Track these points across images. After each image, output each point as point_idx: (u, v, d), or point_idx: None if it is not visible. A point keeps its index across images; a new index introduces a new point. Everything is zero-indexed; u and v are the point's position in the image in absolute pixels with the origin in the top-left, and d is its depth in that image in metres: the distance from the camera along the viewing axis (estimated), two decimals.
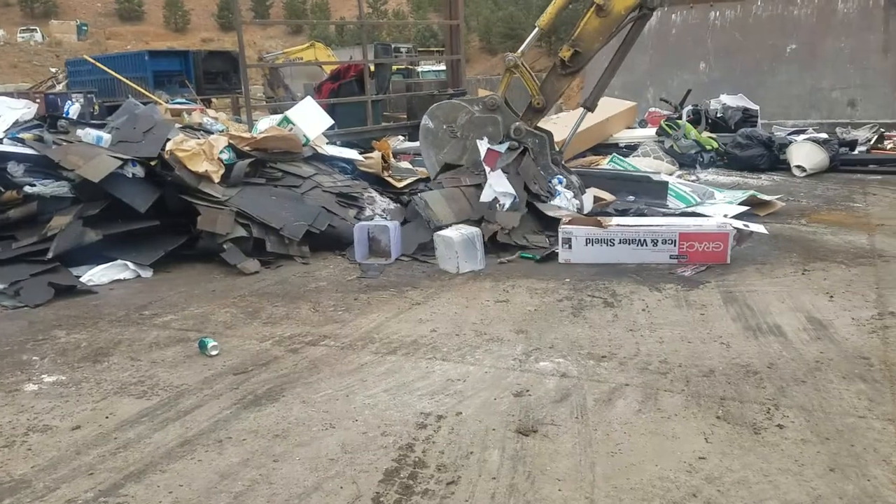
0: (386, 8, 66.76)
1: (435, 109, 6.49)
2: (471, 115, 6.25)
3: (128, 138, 5.50)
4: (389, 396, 2.98)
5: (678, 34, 13.63)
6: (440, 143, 6.35)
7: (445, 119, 6.35)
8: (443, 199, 5.60)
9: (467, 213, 5.53)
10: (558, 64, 6.37)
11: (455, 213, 5.50)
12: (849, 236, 5.37)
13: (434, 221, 5.38)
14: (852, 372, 3.03)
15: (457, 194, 5.68)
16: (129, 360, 3.52)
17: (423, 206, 5.50)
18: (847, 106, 11.95)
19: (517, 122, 6.22)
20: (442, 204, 5.54)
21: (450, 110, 6.40)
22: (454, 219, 5.42)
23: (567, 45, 6.29)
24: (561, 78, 6.43)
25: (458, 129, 6.28)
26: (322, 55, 24.05)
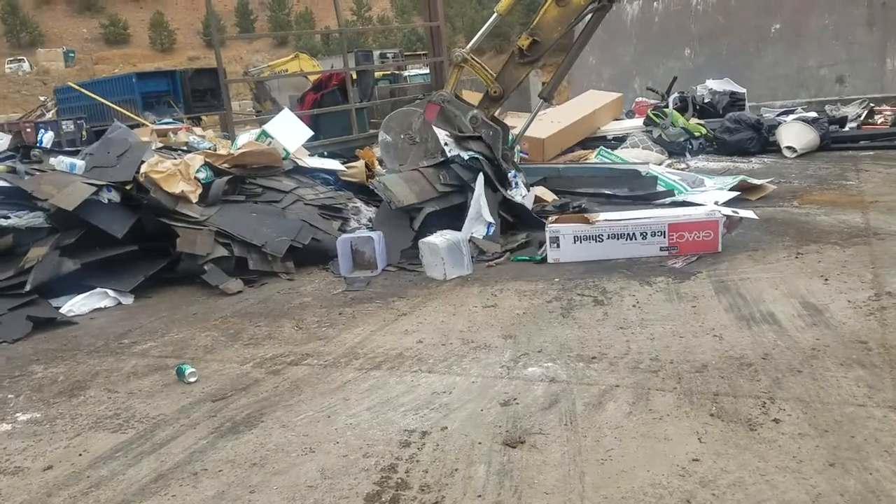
0: (370, 14, 66.84)
1: (388, 121, 6.43)
2: (422, 116, 6.17)
3: (102, 163, 5.41)
4: (372, 415, 2.87)
5: (661, 22, 13.53)
6: (402, 153, 6.28)
7: (401, 128, 6.29)
8: (401, 181, 5.51)
9: (428, 192, 5.44)
10: (516, 52, 6.29)
11: (416, 193, 5.40)
12: (842, 216, 5.26)
13: (396, 203, 5.29)
14: (850, 358, 2.93)
15: (415, 176, 5.58)
16: (105, 392, 3.42)
17: (383, 189, 5.42)
18: (835, 83, 11.84)
19: (473, 111, 6.13)
20: (401, 185, 5.44)
21: (402, 118, 6.34)
22: (415, 199, 5.35)
23: (526, 34, 6.21)
24: (519, 67, 6.34)
25: (415, 133, 6.22)
26: (307, 66, 23.98)
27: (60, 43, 63.79)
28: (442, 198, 5.50)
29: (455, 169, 5.57)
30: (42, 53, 56.74)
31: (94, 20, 70.85)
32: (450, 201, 5.54)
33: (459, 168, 5.57)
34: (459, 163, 5.59)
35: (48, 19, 69.60)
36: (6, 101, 42.82)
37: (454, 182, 5.57)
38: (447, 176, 5.59)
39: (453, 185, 5.57)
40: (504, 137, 6.26)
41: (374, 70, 13.81)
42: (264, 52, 57.41)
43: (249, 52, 57.21)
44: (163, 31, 69.47)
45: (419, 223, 5.30)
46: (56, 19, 70.96)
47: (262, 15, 70.90)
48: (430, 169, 5.66)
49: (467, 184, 5.50)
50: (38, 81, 47.22)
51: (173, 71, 24.29)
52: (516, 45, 6.28)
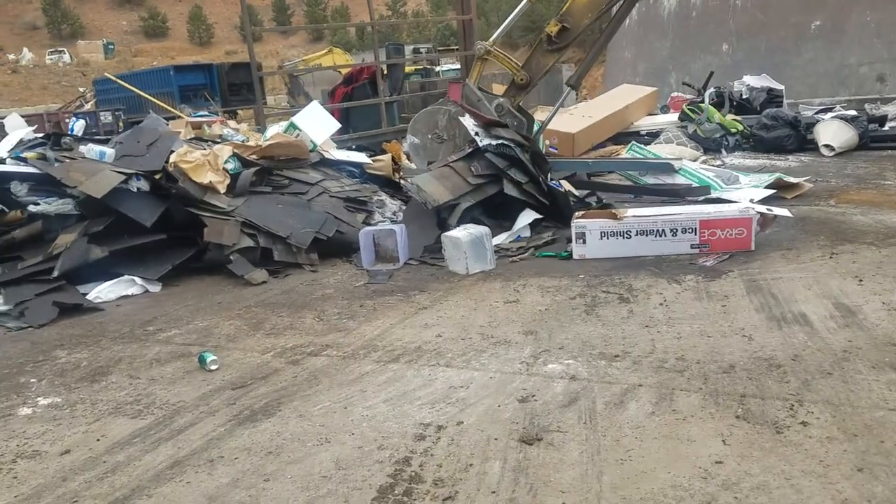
0: (405, 9, 66.93)
1: (414, 124, 6.37)
2: (448, 113, 6.10)
3: (131, 152, 5.46)
4: (389, 407, 2.84)
5: (698, 17, 13.29)
6: (432, 152, 6.22)
7: (427, 128, 6.22)
8: (434, 179, 5.39)
9: (462, 186, 5.33)
10: (544, 39, 6.18)
11: (450, 189, 5.29)
12: (879, 216, 5.10)
13: (431, 202, 5.19)
14: (882, 361, 2.82)
15: (446, 172, 5.47)
16: (127, 378, 3.44)
17: (416, 190, 5.33)
18: (876, 81, 11.51)
19: (499, 100, 6.05)
20: (434, 184, 5.33)
21: (428, 118, 6.27)
22: (450, 195, 5.25)
23: (555, 20, 6.10)
24: (547, 54, 6.24)
25: (442, 131, 6.15)
26: (340, 60, 24.05)
27: (100, 35, 64.93)
28: (476, 190, 5.39)
29: (488, 157, 5.46)
30: (82, 45, 57.79)
31: (134, 13, 71.96)
32: (485, 193, 5.42)
33: (492, 156, 5.44)
34: (492, 151, 5.46)
35: (89, 11, 70.85)
36: (46, 92, 43.71)
37: (487, 172, 5.45)
38: (479, 167, 5.48)
39: (487, 176, 5.45)
40: (529, 128, 6.18)
41: (404, 64, 13.78)
42: (300, 46, 57.85)
43: (285, 48, 57.68)
44: (201, 25, 70.31)
45: (456, 219, 5.21)
46: (96, 12, 72.21)
47: (298, 10, 71.40)
48: (459, 162, 5.56)
49: (502, 171, 5.38)
50: (77, 73, 48.12)
51: (210, 64, 24.55)
52: (545, 31, 6.18)
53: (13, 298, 4.49)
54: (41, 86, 46.09)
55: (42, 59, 52.05)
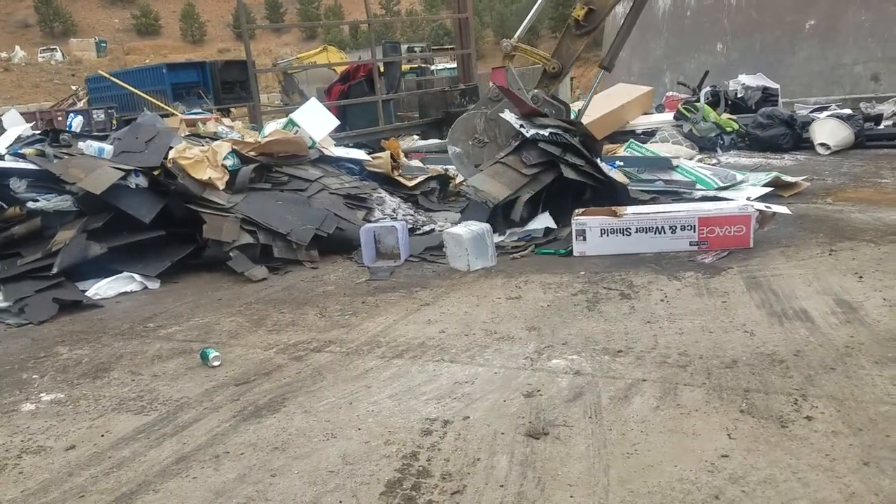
0: (399, 8, 66.87)
1: (452, 134, 6.30)
2: (484, 115, 6.08)
3: (130, 148, 5.45)
4: (394, 402, 2.84)
5: (693, 16, 13.34)
6: (476, 157, 6.15)
7: (466, 135, 6.17)
8: (488, 178, 5.34)
9: (518, 180, 5.27)
10: (572, 24, 6.17)
11: (507, 184, 5.24)
12: (878, 213, 5.13)
13: (491, 200, 5.16)
14: (885, 356, 2.84)
15: (499, 169, 5.42)
16: (129, 374, 3.43)
17: (474, 192, 5.28)
18: (871, 80, 11.57)
19: (534, 91, 6.03)
20: (490, 182, 5.28)
21: (465, 125, 6.22)
22: (508, 191, 5.19)
23: (580, 4, 6.08)
24: (576, 39, 6.22)
25: (481, 135, 6.10)
26: (335, 58, 24.05)
27: (92, 33, 64.64)
28: (533, 181, 5.32)
29: (540, 146, 5.39)
30: (74, 43, 57.49)
31: (126, 11, 71.64)
32: (542, 182, 5.35)
33: (545, 144, 5.38)
34: (542, 140, 5.40)
35: (81, 9, 70.51)
36: (39, 90, 43.48)
37: (539, 161, 5.39)
38: (530, 157, 5.40)
39: (539, 165, 5.38)
40: (567, 115, 6.15)
41: (401, 62, 13.78)
42: (293, 44, 57.74)
43: (279, 45, 57.55)
44: (193, 23, 70.06)
45: (519, 213, 5.19)
46: (89, 10, 71.88)
47: (291, 8, 71.24)
48: (510, 157, 5.48)
49: (557, 157, 5.33)
50: (69, 71, 47.87)
51: (203, 62, 24.43)
52: (572, 17, 6.17)
53: (13, 295, 4.47)
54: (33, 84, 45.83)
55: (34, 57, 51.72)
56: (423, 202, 6.68)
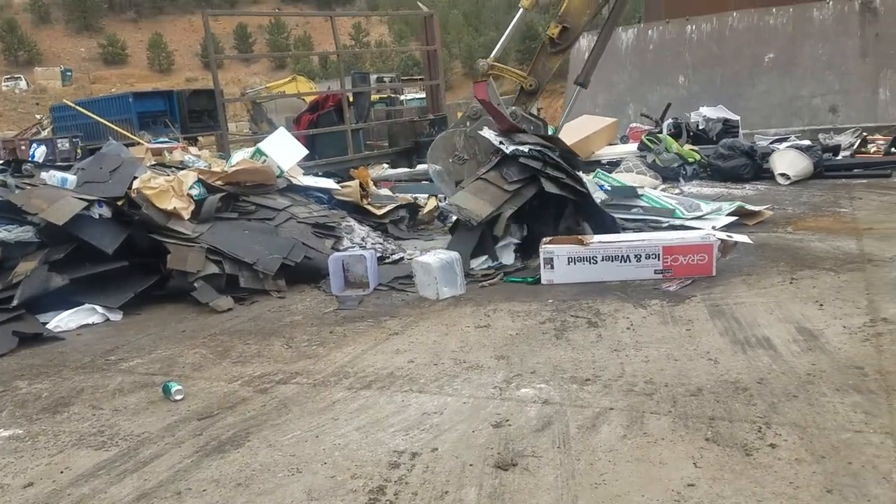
0: (368, 39, 67.44)
1: (431, 153, 6.36)
2: (464, 133, 6.13)
3: (94, 178, 5.38)
4: (362, 435, 2.81)
5: (655, 49, 13.65)
6: (457, 174, 6.18)
7: (446, 153, 6.21)
8: (471, 195, 5.32)
9: (500, 196, 5.26)
10: (547, 42, 6.30)
11: (489, 201, 5.22)
12: (837, 242, 5.25)
13: (474, 218, 5.14)
14: (846, 383, 2.89)
15: (481, 185, 5.40)
16: (90, 409, 3.35)
17: (457, 210, 5.27)
18: (828, 112, 11.93)
19: (512, 108, 6.10)
20: (473, 200, 5.26)
21: (444, 143, 6.27)
22: (491, 207, 5.18)
23: (555, 22, 6.23)
24: (551, 56, 6.35)
25: (461, 152, 6.14)
26: (304, 88, 24.13)
27: (58, 62, 64.10)
28: (515, 196, 5.31)
29: (520, 162, 5.40)
30: (39, 72, 56.96)
31: (93, 40, 71.29)
32: (524, 196, 5.34)
33: (526, 159, 5.38)
34: (521, 155, 5.40)
35: (46, 38, 69.97)
36: (2, 119, 42.91)
37: (520, 177, 5.38)
38: (511, 173, 5.40)
39: (521, 180, 5.38)
40: (545, 131, 6.22)
41: (370, 92, 13.87)
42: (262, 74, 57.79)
43: (247, 75, 57.53)
44: (161, 52, 69.89)
45: (501, 229, 5.20)
46: (54, 38, 71.34)
47: (260, 38, 71.44)
48: (491, 173, 5.47)
49: (538, 171, 5.33)
50: (34, 99, 47.32)
51: (170, 91, 24.37)
52: (546, 34, 6.30)
53: None
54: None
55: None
56: (393, 231, 6.68)
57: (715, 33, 13.11)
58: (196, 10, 62.31)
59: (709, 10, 13.54)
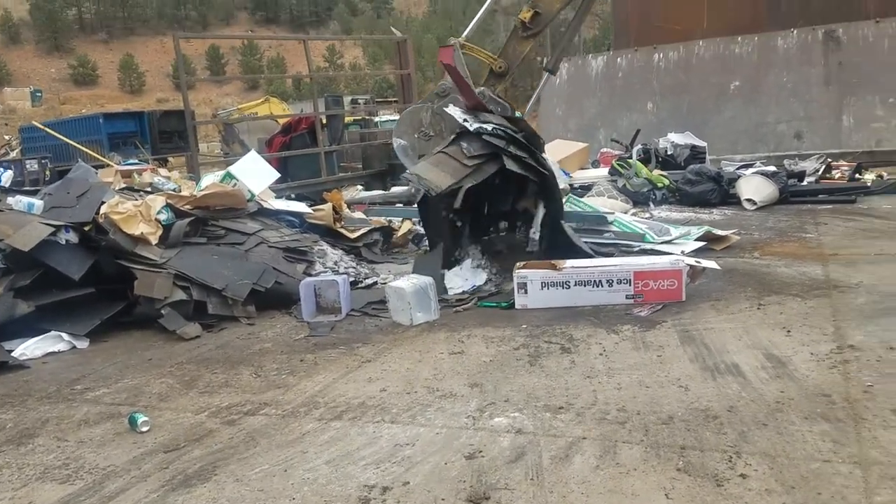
0: (342, 61, 67.66)
1: (398, 127, 6.29)
2: (431, 109, 6.08)
3: (61, 204, 5.30)
4: (331, 468, 2.77)
5: (624, 76, 13.86)
6: (422, 150, 6.08)
7: (412, 128, 6.14)
8: (432, 167, 5.25)
9: (461, 170, 5.19)
10: (519, 26, 6.33)
11: (450, 174, 5.16)
12: (803, 267, 5.34)
13: (434, 189, 5.07)
14: (814, 411, 2.92)
15: (442, 158, 5.32)
16: (55, 440, 3.27)
17: (417, 179, 5.18)
18: (793, 138, 12.18)
19: (480, 88, 6.08)
20: (434, 171, 5.19)
21: (411, 118, 6.20)
22: (451, 179, 5.11)
23: (527, 7, 6.27)
24: (522, 41, 6.39)
25: (427, 129, 6.08)
26: (277, 110, 24.08)
27: (28, 82, 63.34)
28: (476, 171, 5.24)
29: (483, 139, 5.34)
30: (8, 93, 56.22)
31: (63, 61, 70.66)
32: (485, 172, 5.28)
33: (489, 137, 5.33)
34: (485, 133, 5.35)
35: (16, 59, 69.15)
36: None
37: (481, 152, 5.32)
38: (471, 148, 5.33)
39: (482, 156, 5.31)
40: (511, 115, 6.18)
41: (343, 115, 13.88)
42: (235, 95, 57.62)
43: (219, 95, 57.35)
44: (132, 73, 69.42)
45: (460, 201, 5.14)
46: (24, 59, 70.55)
47: (233, 59, 71.32)
48: (451, 147, 5.40)
49: (501, 149, 5.28)
50: (2, 120, 46.64)
51: (141, 112, 24.21)
52: (518, 18, 6.34)
53: None
54: None
55: None
56: (366, 254, 6.66)
57: (682, 61, 13.36)
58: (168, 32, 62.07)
59: (676, 38, 13.81)
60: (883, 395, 3.01)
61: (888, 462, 2.48)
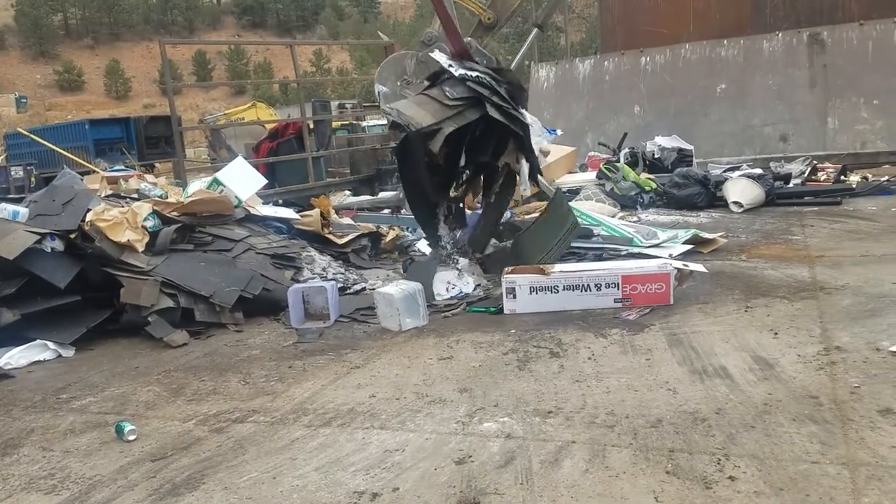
0: (329, 66, 67.59)
1: (381, 72, 6.12)
2: (415, 56, 6.00)
3: (46, 211, 5.26)
4: (321, 475, 2.76)
5: (612, 80, 13.90)
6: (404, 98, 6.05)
7: (395, 75, 5.99)
8: (413, 104, 5.21)
9: (442, 111, 5.14)
10: None
11: (431, 113, 5.11)
12: (789, 270, 5.37)
13: (414, 125, 5.01)
14: (802, 413, 2.93)
15: (424, 99, 5.28)
16: (40, 450, 3.24)
17: (397, 114, 5.12)
18: (779, 141, 12.23)
19: (467, 38, 6.01)
20: (415, 108, 5.14)
21: (395, 64, 6.06)
22: (432, 119, 5.05)
23: None
24: None
25: (411, 76, 5.98)
26: (264, 115, 24.05)
27: (13, 89, 62.87)
28: (457, 115, 5.19)
29: (469, 85, 5.29)
30: None
31: (49, 66, 70.23)
32: (466, 118, 5.23)
33: (473, 84, 5.28)
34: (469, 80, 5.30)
35: (0, 65, 68.63)
36: None
37: (463, 96, 5.27)
38: (454, 92, 5.28)
39: (464, 99, 5.27)
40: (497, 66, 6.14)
41: (331, 120, 13.86)
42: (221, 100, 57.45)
43: (206, 101, 57.15)
44: (118, 79, 69.09)
45: (439, 144, 5.06)
46: (9, 65, 70.06)
47: (219, 64, 71.13)
48: (433, 90, 5.35)
49: (485, 97, 5.24)
50: None
51: (127, 118, 24.10)
52: None
53: None
54: None
55: None
56: (355, 260, 6.64)
57: (668, 65, 13.41)
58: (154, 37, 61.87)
59: (663, 42, 13.87)
60: (870, 397, 3.02)
61: (875, 463, 2.49)
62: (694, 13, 14.29)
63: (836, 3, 13.15)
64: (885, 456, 2.53)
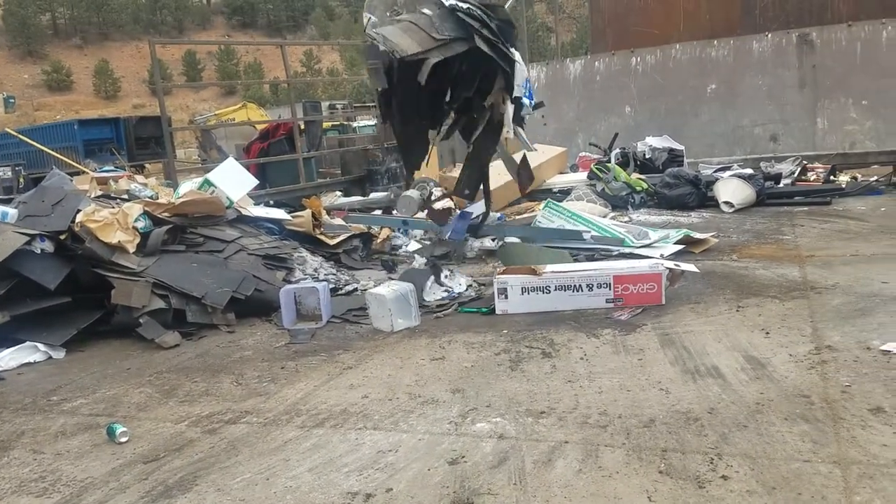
0: (320, 66, 67.47)
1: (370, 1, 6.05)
2: None
3: (36, 212, 5.22)
4: (314, 476, 2.75)
5: (602, 80, 13.91)
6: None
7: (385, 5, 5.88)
8: (400, 31, 5.16)
9: (428, 41, 5.10)
10: None
11: (418, 42, 5.06)
12: (780, 269, 5.40)
13: (398, 51, 4.97)
14: (794, 412, 2.95)
15: (411, 27, 5.21)
16: (31, 453, 3.22)
17: (382, 40, 5.06)
18: (769, 141, 12.29)
19: None
20: (401, 35, 5.09)
21: None
22: (418, 47, 5.01)
23: None
24: None
25: (400, 8, 5.88)
26: (254, 115, 23.98)
27: (1, 89, 62.44)
28: (444, 46, 5.16)
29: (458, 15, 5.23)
30: None
31: (37, 66, 69.82)
32: (453, 50, 5.20)
33: (463, 15, 5.22)
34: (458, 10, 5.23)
35: None
36: None
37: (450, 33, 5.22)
38: (444, 27, 5.24)
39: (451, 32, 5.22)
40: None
41: (321, 120, 13.83)
42: (211, 100, 57.25)
43: (196, 101, 56.94)
44: (107, 79, 68.74)
45: (426, 76, 5.02)
46: None
47: (209, 64, 70.87)
48: (422, 19, 5.28)
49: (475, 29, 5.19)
50: None
51: (117, 118, 24.01)
52: None
53: None
54: None
55: None
56: (346, 260, 6.63)
57: (659, 65, 13.43)
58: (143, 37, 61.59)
59: (653, 42, 13.91)
60: (860, 395, 3.04)
61: (867, 461, 2.51)
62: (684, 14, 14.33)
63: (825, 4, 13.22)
64: (877, 454, 2.55)
